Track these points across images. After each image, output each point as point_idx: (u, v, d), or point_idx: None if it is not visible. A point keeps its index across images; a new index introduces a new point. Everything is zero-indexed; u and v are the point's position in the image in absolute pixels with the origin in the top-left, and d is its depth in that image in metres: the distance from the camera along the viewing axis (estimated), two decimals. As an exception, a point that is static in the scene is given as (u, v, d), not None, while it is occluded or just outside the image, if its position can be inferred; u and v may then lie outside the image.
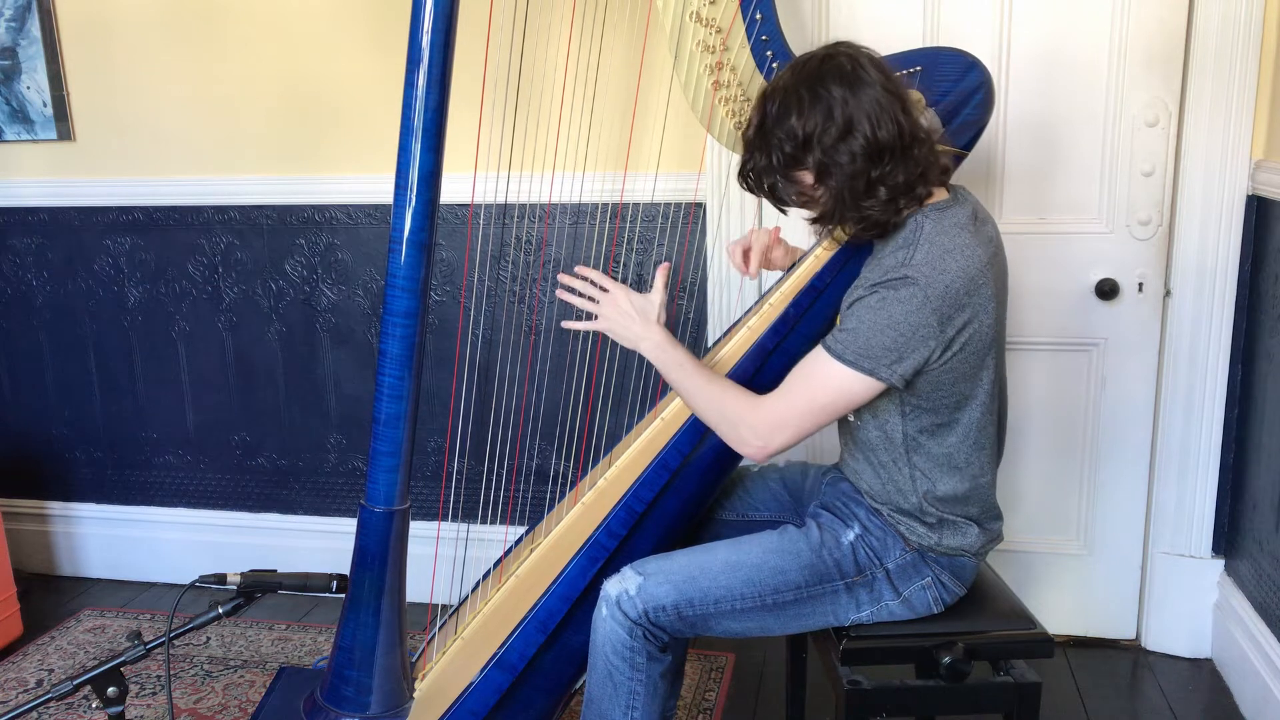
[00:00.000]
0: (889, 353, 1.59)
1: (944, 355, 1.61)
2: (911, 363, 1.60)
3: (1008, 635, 1.77)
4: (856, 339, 1.60)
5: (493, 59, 2.10)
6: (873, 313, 1.60)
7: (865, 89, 1.59)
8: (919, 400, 1.67)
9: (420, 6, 1.49)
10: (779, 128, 1.62)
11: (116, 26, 2.81)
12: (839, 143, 1.59)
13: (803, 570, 1.72)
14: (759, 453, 1.69)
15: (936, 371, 1.63)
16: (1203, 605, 2.56)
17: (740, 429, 1.69)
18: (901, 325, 1.58)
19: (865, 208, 1.63)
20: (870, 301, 1.61)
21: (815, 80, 1.60)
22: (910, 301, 1.58)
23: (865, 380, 1.61)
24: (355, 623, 1.67)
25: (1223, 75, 2.28)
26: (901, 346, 1.59)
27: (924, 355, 1.60)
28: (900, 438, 1.71)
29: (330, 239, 2.84)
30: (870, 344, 1.59)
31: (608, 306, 1.80)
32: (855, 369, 1.61)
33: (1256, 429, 2.38)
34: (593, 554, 1.81)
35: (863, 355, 1.60)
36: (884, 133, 1.59)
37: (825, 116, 1.59)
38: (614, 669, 1.69)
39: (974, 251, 1.62)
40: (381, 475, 1.63)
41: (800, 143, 1.61)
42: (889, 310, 1.58)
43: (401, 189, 1.55)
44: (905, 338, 1.58)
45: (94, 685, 1.51)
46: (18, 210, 3.00)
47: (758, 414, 1.68)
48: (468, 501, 2.80)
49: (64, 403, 3.13)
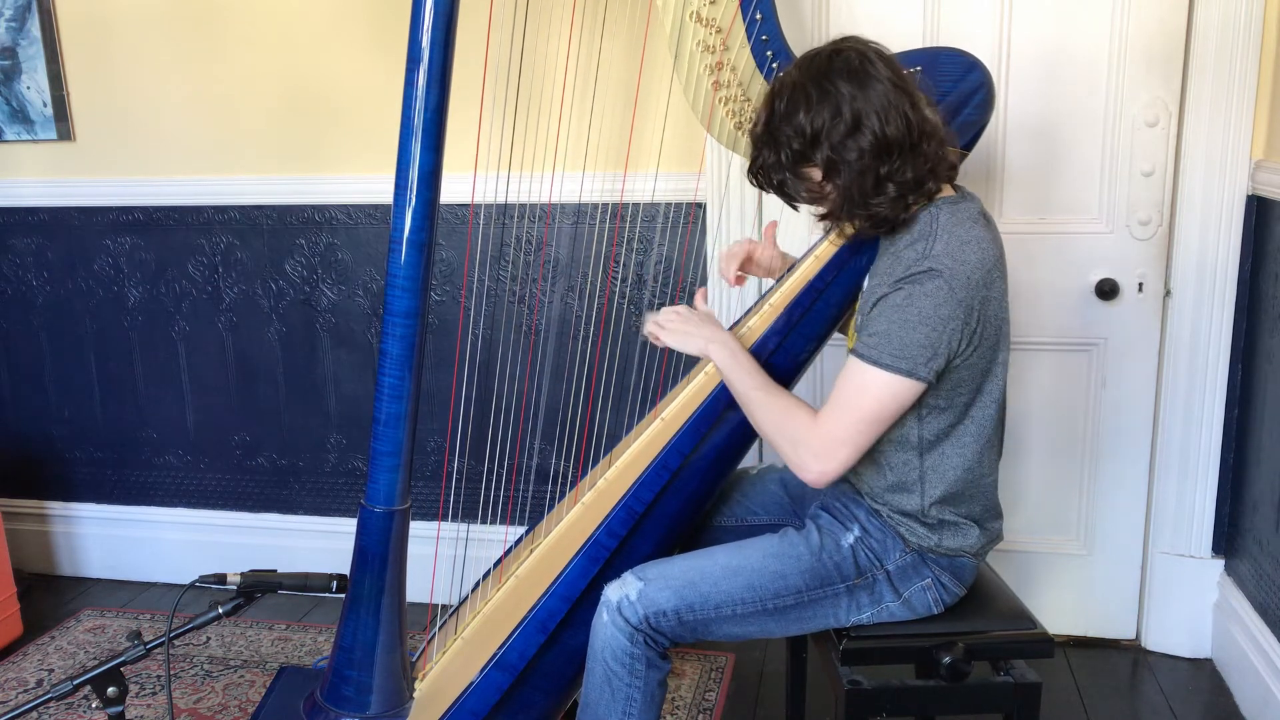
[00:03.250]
0: (924, 349, 1.57)
1: (967, 348, 1.60)
2: (943, 358, 1.58)
3: (1008, 635, 1.77)
4: (889, 341, 1.58)
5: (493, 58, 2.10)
6: (900, 311, 1.58)
7: (873, 84, 1.58)
8: (938, 400, 1.66)
9: (420, 6, 1.49)
10: (787, 124, 1.61)
11: (116, 26, 2.81)
12: (847, 139, 1.58)
13: (803, 574, 1.72)
14: (819, 477, 1.64)
15: (958, 366, 1.62)
16: (1203, 605, 2.56)
17: (800, 450, 1.64)
18: (932, 319, 1.56)
19: (874, 204, 1.62)
20: (896, 299, 1.59)
21: (823, 76, 1.60)
22: (937, 294, 1.56)
23: (905, 382, 1.58)
24: (355, 622, 1.67)
25: (1223, 75, 2.28)
26: (935, 341, 1.57)
27: (954, 348, 1.58)
28: (915, 440, 1.70)
29: (330, 239, 2.84)
30: (905, 343, 1.57)
31: (668, 317, 1.81)
32: (893, 371, 1.58)
33: (1256, 429, 2.38)
34: (593, 554, 1.81)
35: (899, 356, 1.57)
36: (892, 129, 1.58)
37: (833, 113, 1.58)
38: (613, 674, 1.69)
39: (988, 245, 1.62)
40: (382, 475, 1.63)
41: (808, 139, 1.60)
42: (917, 305, 1.57)
43: (401, 189, 1.54)
44: (937, 332, 1.57)
45: (94, 685, 1.51)
46: (18, 210, 3.00)
47: (814, 434, 1.63)
48: (468, 501, 2.80)
49: (64, 403, 3.13)
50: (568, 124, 2.40)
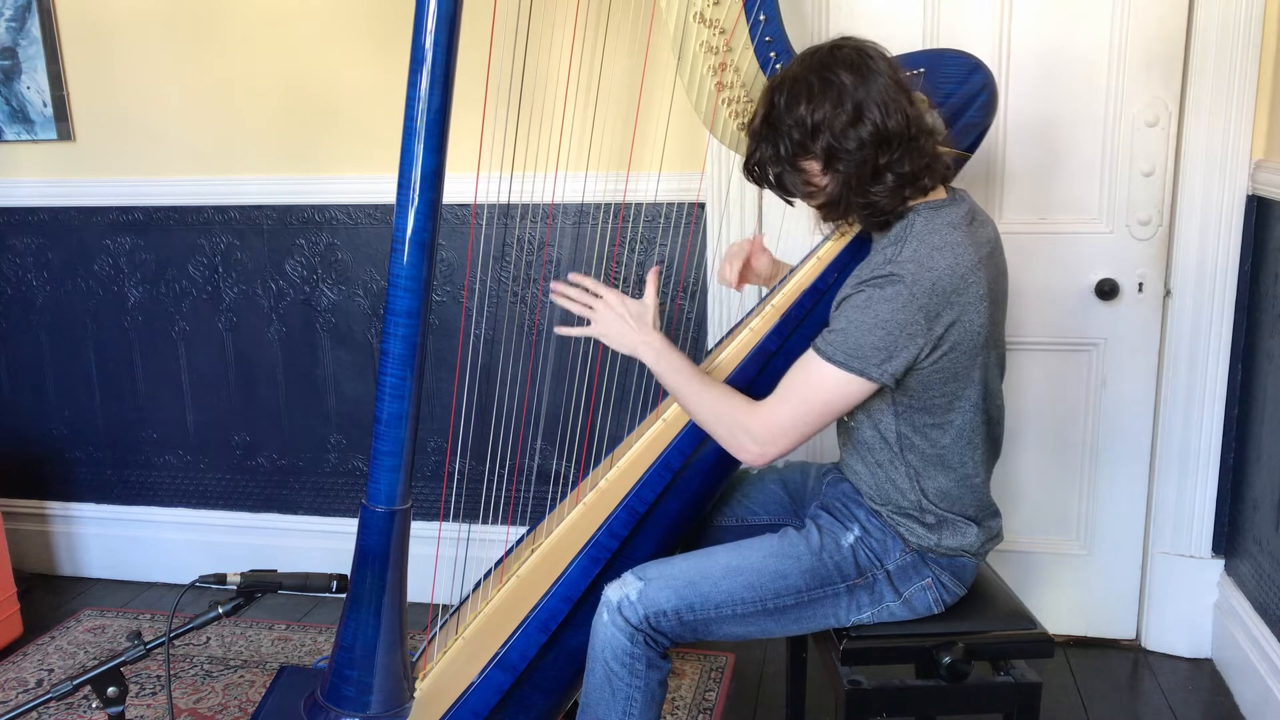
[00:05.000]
0: (878, 352, 1.59)
1: (933, 354, 1.61)
2: (901, 361, 1.59)
3: (1008, 635, 1.77)
4: (846, 339, 1.60)
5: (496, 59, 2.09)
6: (860, 311, 1.59)
7: (874, 77, 1.59)
8: (911, 399, 1.67)
9: (424, 7, 1.49)
10: (788, 115, 1.62)
11: (116, 26, 2.81)
12: (848, 129, 1.59)
13: (803, 574, 1.72)
14: (758, 459, 1.69)
15: (926, 370, 1.62)
16: (1203, 605, 2.56)
17: (739, 435, 1.69)
18: (889, 324, 1.58)
19: (872, 193, 1.63)
20: (857, 300, 1.61)
21: (824, 68, 1.61)
22: (896, 300, 1.57)
23: (857, 381, 1.61)
24: (356, 622, 1.67)
25: (1223, 75, 2.28)
26: (890, 345, 1.58)
27: (913, 353, 1.59)
28: (894, 437, 1.71)
29: (330, 239, 2.84)
30: (860, 344, 1.59)
31: (602, 312, 1.79)
32: (846, 369, 1.60)
33: (1256, 429, 2.38)
34: (594, 554, 1.81)
35: (852, 355, 1.60)
36: (893, 121, 1.59)
37: (835, 104, 1.59)
38: (613, 674, 1.69)
39: (964, 250, 1.61)
40: (383, 475, 1.62)
41: (809, 130, 1.61)
42: (875, 309, 1.58)
43: (404, 189, 1.54)
44: (893, 336, 1.58)
45: (94, 685, 1.50)
46: (18, 210, 3.00)
47: (756, 419, 1.67)
48: (469, 501, 2.80)
49: (64, 403, 3.13)
50: (570, 124, 2.40)
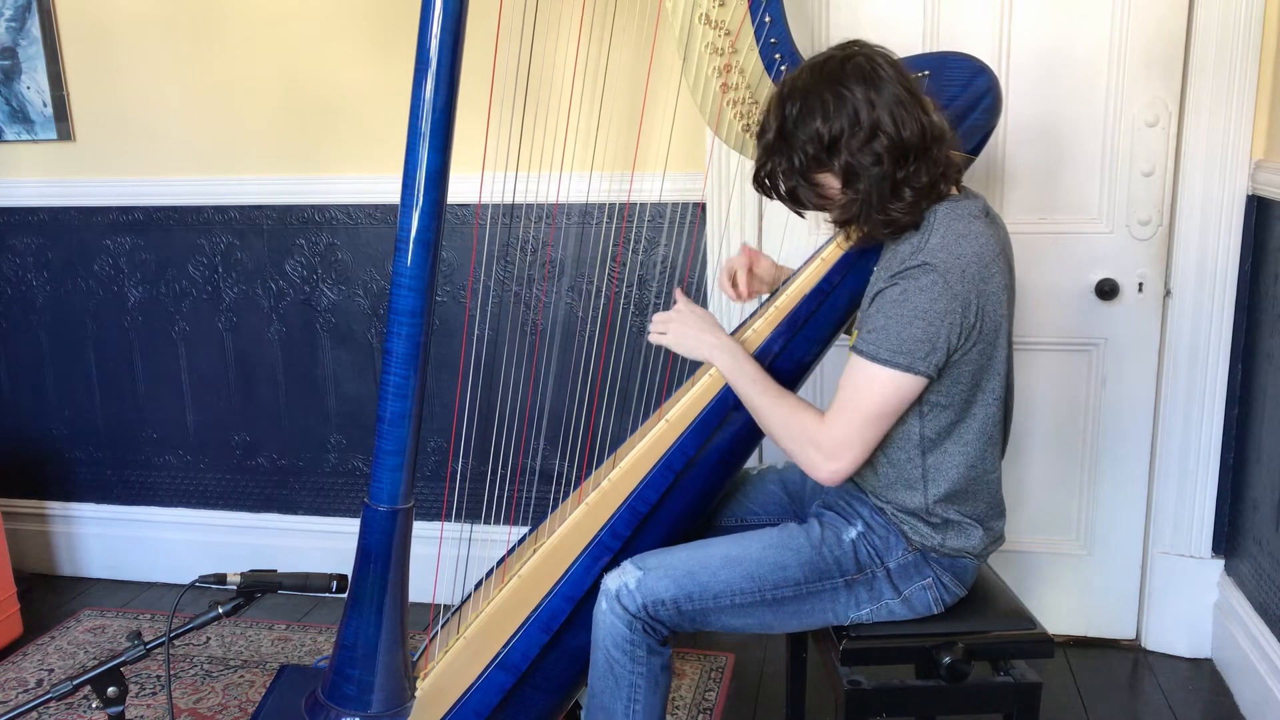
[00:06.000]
0: (921, 344, 1.58)
1: (965, 342, 1.61)
2: (943, 351, 1.59)
3: (1008, 635, 1.77)
4: (888, 336, 1.59)
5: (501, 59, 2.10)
6: (897, 306, 1.58)
7: (886, 87, 1.58)
8: (938, 397, 1.66)
9: (429, 8, 1.49)
10: (801, 130, 1.61)
11: (116, 26, 2.81)
12: (866, 145, 1.58)
13: (802, 566, 1.72)
14: (831, 477, 1.65)
15: (957, 361, 1.62)
16: (1203, 605, 2.56)
17: (809, 450, 1.66)
18: (928, 313, 1.57)
19: (892, 210, 1.62)
20: (892, 294, 1.59)
21: (837, 81, 1.59)
22: (933, 289, 1.57)
23: (906, 377, 1.59)
24: (357, 621, 1.67)
25: (1223, 75, 2.29)
26: (932, 336, 1.58)
27: (953, 342, 1.59)
28: (917, 438, 1.70)
29: (330, 239, 2.83)
30: (902, 338, 1.58)
31: (672, 319, 1.81)
32: (893, 367, 1.59)
33: (1256, 429, 2.39)
34: (596, 554, 1.81)
35: (897, 351, 1.58)
36: (908, 132, 1.58)
37: (851, 120, 1.58)
38: (614, 662, 1.70)
39: (987, 239, 1.62)
40: (385, 474, 1.63)
41: (825, 146, 1.60)
42: (913, 300, 1.57)
43: (409, 188, 1.54)
44: (934, 326, 1.57)
45: (94, 685, 1.50)
46: (18, 210, 3.00)
47: (823, 434, 1.64)
48: (471, 501, 2.80)
49: (64, 403, 3.13)
50: (575, 124, 2.40)
